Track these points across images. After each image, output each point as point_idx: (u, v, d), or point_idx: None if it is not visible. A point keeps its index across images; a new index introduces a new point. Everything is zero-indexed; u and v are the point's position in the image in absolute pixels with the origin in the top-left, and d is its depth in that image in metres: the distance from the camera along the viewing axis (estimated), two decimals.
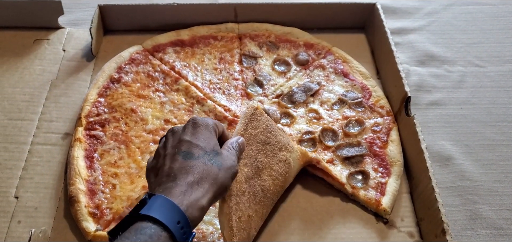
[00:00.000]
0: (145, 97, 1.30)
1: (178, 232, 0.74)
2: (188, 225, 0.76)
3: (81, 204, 1.06)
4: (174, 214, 0.75)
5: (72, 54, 1.44)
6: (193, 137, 0.88)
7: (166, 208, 0.75)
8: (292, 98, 1.31)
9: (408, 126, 1.20)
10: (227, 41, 1.46)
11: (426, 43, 1.53)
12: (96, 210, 1.07)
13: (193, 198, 0.80)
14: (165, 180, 0.83)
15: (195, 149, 0.86)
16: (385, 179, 1.14)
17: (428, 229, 1.06)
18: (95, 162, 1.15)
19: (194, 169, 0.83)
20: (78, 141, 1.17)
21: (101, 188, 1.11)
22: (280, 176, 1.04)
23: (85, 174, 1.12)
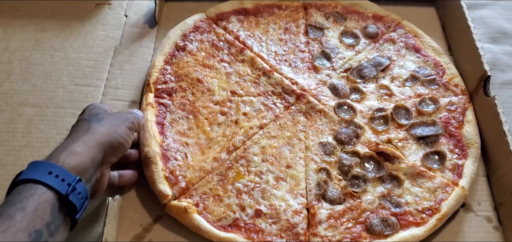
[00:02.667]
0: (210, 67, 1.28)
1: (53, 180, 0.81)
2: (65, 173, 0.83)
3: (158, 167, 1.06)
4: (44, 168, 0.82)
5: (134, 20, 1.42)
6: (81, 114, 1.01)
7: (36, 168, 0.83)
8: (362, 72, 1.27)
9: (486, 107, 1.15)
10: (292, 11, 1.42)
11: (499, 19, 1.46)
12: (171, 175, 1.06)
13: (66, 150, 0.87)
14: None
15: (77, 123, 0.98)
16: (462, 161, 1.10)
17: (509, 214, 1.02)
18: (165, 129, 1.14)
19: (71, 131, 0.96)
20: (150, 106, 1.17)
21: (174, 155, 1.10)
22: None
23: (159, 138, 1.11)
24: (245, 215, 1.02)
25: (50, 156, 0.87)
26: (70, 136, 0.93)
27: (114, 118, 0.99)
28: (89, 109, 1.01)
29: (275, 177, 1.08)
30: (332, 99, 1.22)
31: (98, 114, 0.98)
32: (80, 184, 0.84)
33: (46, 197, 0.79)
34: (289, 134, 1.16)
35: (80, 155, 0.87)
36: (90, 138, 0.91)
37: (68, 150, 0.87)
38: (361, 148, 1.13)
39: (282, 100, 1.22)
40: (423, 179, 1.07)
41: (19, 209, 0.76)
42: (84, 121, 0.96)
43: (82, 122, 0.96)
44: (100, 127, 0.94)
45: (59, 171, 0.82)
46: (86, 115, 0.99)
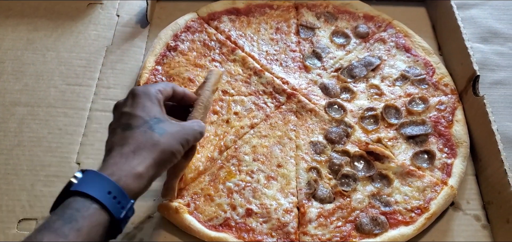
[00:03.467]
0: (202, 66, 1.28)
1: (110, 202, 0.74)
2: (123, 195, 0.76)
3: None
4: (104, 186, 0.74)
5: (126, 19, 1.42)
6: (132, 108, 0.87)
7: (95, 181, 0.75)
8: (352, 72, 1.28)
9: (475, 106, 1.16)
10: (283, 11, 1.42)
11: (489, 19, 1.46)
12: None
13: (127, 167, 0.78)
14: (105, 155, 0.82)
15: (133, 120, 0.84)
16: (451, 160, 1.11)
17: (497, 213, 1.03)
18: None
19: (131, 139, 0.82)
20: None
21: None
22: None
23: None
24: (236, 214, 1.03)
25: (108, 166, 0.78)
26: (129, 143, 0.81)
27: (175, 130, 0.87)
28: (143, 100, 0.87)
29: (266, 176, 1.09)
30: (322, 99, 1.23)
31: (159, 119, 0.87)
32: (132, 209, 0.79)
33: (101, 219, 0.73)
34: (280, 134, 1.17)
35: (142, 179, 0.79)
36: (151, 155, 0.82)
37: (129, 168, 0.78)
38: (351, 147, 1.13)
39: (273, 99, 1.23)
40: (412, 178, 1.08)
41: (74, 229, 0.69)
42: (146, 125, 0.84)
43: (143, 126, 0.84)
44: (163, 142, 0.84)
45: (118, 192, 0.75)
46: (145, 113, 0.86)
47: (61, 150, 1.13)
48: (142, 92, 0.89)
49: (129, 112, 0.86)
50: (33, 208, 1.04)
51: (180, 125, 0.89)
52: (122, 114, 0.87)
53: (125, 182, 0.77)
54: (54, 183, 1.07)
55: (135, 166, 0.79)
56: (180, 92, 0.97)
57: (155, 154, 0.83)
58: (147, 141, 0.83)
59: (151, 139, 0.83)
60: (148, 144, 0.82)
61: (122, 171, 0.78)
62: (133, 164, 0.79)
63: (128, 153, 0.80)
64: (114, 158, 0.80)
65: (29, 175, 1.09)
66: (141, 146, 0.82)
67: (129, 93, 0.90)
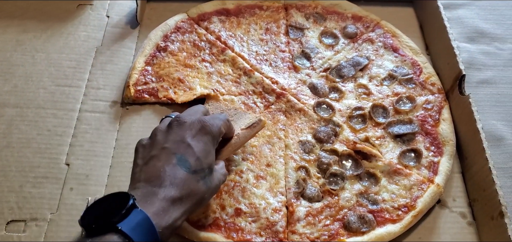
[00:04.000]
0: (192, 66, 1.29)
1: None
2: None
3: None
4: (150, 236, 0.74)
5: (116, 20, 1.42)
6: (196, 143, 0.85)
7: (144, 229, 0.73)
8: (341, 72, 1.29)
9: (461, 105, 1.17)
10: (273, 11, 1.43)
11: (475, 18, 1.48)
12: None
13: (172, 218, 0.78)
14: (152, 181, 0.80)
15: (192, 159, 0.83)
16: (438, 158, 1.12)
17: (483, 211, 1.05)
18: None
19: (183, 183, 0.81)
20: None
21: None
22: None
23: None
24: (225, 214, 1.03)
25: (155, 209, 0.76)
26: (180, 187, 0.80)
27: (215, 185, 0.89)
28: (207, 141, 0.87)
29: (255, 175, 1.10)
30: (311, 98, 1.24)
31: (211, 169, 0.87)
32: None
33: None
34: (269, 133, 1.17)
35: (174, 231, 0.80)
36: (192, 206, 0.83)
37: (171, 220, 0.78)
38: (339, 146, 1.15)
39: (263, 99, 1.24)
40: (399, 176, 1.09)
41: None
42: (200, 174, 0.84)
43: (199, 173, 0.84)
44: (206, 197, 0.86)
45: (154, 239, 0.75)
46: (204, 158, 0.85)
47: (50, 151, 1.13)
48: (210, 132, 0.87)
49: (191, 147, 0.84)
50: (22, 209, 1.04)
51: (217, 178, 0.90)
52: (183, 142, 0.85)
53: (164, 234, 0.77)
54: (43, 184, 1.07)
55: (177, 220, 0.79)
56: (231, 131, 0.98)
57: (195, 207, 0.84)
58: (195, 193, 0.83)
59: (199, 192, 0.84)
60: (195, 197, 0.83)
61: (166, 222, 0.77)
62: (176, 215, 0.79)
63: (175, 200, 0.79)
64: (162, 201, 0.78)
65: (18, 176, 1.08)
66: (189, 196, 0.82)
67: (199, 122, 0.87)
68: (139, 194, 0.78)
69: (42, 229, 1.01)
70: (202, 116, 0.91)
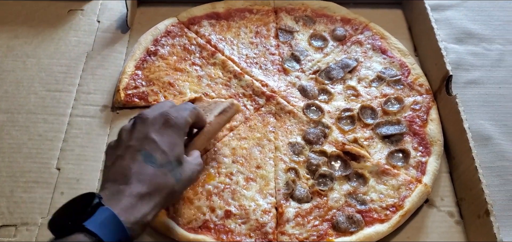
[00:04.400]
0: (182, 70, 1.29)
1: None
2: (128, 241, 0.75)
3: None
4: (118, 233, 0.73)
5: (106, 25, 1.43)
6: (160, 137, 0.85)
7: (111, 226, 0.73)
8: (330, 74, 1.30)
9: (448, 105, 1.18)
10: (262, 15, 1.44)
11: (463, 20, 1.49)
12: None
13: (141, 213, 0.78)
14: (119, 179, 0.80)
15: (158, 153, 0.83)
16: (426, 158, 1.13)
17: (470, 209, 1.06)
18: None
19: (150, 178, 0.81)
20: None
21: None
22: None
23: None
24: (215, 216, 1.04)
25: (123, 206, 0.76)
26: (148, 182, 0.80)
27: (188, 177, 0.89)
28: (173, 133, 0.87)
29: (245, 177, 1.10)
30: (301, 100, 1.25)
31: (180, 161, 0.87)
32: None
33: None
34: (259, 135, 1.18)
35: (145, 227, 0.80)
36: (162, 200, 0.82)
37: (140, 216, 0.78)
38: (328, 148, 1.15)
39: (253, 102, 1.24)
40: (387, 176, 1.10)
41: None
42: (168, 166, 0.84)
43: (166, 166, 0.83)
44: (177, 189, 0.85)
45: (125, 240, 0.75)
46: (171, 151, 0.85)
47: (41, 156, 1.14)
48: (175, 123, 0.87)
49: (156, 142, 0.84)
50: (13, 214, 1.04)
51: (190, 168, 0.89)
52: (147, 138, 0.85)
53: (134, 230, 0.76)
54: (34, 189, 1.08)
55: (146, 214, 0.79)
56: (202, 120, 0.98)
57: (167, 200, 0.84)
58: (165, 186, 0.82)
59: (168, 185, 0.83)
60: (165, 190, 0.82)
61: (135, 218, 0.77)
62: (146, 210, 0.79)
63: (143, 196, 0.79)
64: (131, 198, 0.78)
65: (9, 181, 1.09)
66: (158, 190, 0.81)
67: (162, 117, 0.87)
68: (106, 193, 0.78)
69: (33, 233, 1.02)
70: (166, 109, 0.89)
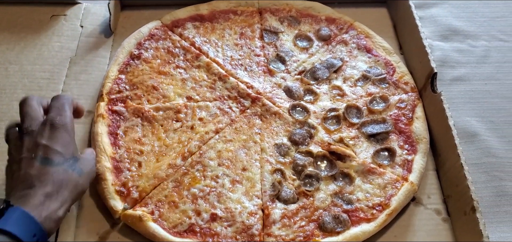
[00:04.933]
0: (166, 73, 1.28)
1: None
2: (44, 237, 0.78)
3: (107, 182, 1.06)
4: (31, 228, 0.76)
5: (90, 30, 1.42)
6: (51, 141, 0.87)
7: (23, 222, 0.76)
8: (315, 74, 1.29)
9: (433, 103, 1.18)
10: (247, 16, 1.43)
11: (449, 17, 1.49)
12: (122, 188, 1.07)
13: (51, 209, 0.81)
14: (21, 186, 0.82)
15: (54, 155, 0.86)
16: (412, 156, 1.13)
17: (456, 206, 1.06)
18: (119, 139, 1.14)
19: (52, 177, 0.84)
20: (101, 116, 1.16)
21: (127, 166, 1.10)
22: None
23: (110, 151, 1.11)
24: (200, 220, 1.03)
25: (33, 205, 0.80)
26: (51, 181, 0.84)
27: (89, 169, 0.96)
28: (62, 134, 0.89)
29: (231, 180, 1.10)
30: (286, 101, 1.24)
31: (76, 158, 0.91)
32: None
33: None
34: (245, 137, 1.18)
35: (59, 222, 0.84)
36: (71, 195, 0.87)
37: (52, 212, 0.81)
38: (314, 148, 1.15)
39: (238, 104, 1.24)
40: (373, 175, 1.10)
41: None
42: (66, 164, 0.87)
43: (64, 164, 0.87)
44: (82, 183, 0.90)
45: (41, 235, 0.78)
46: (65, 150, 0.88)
47: None
48: (61, 125, 0.90)
49: (47, 145, 0.86)
50: None
51: (89, 162, 0.96)
52: (38, 144, 0.86)
53: (48, 225, 0.80)
54: None
55: (57, 210, 0.82)
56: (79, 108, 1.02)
57: (74, 194, 0.87)
58: (68, 182, 0.86)
59: (72, 179, 0.87)
60: (70, 185, 0.86)
61: (46, 213, 0.80)
62: (55, 206, 0.82)
63: (52, 194, 0.82)
64: (38, 197, 0.81)
65: None
66: (63, 186, 0.85)
67: (47, 123, 0.89)
68: (13, 199, 0.81)
69: None
70: (48, 116, 0.90)
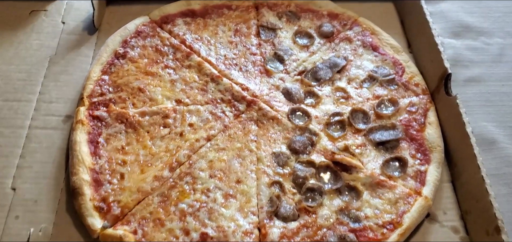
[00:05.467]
0: (153, 74, 1.18)
1: None
2: None
3: (85, 197, 0.95)
4: None
5: (72, 27, 1.31)
6: None
7: None
8: (317, 75, 1.19)
9: (448, 107, 1.08)
10: (242, 11, 1.33)
11: (460, 12, 1.40)
12: (102, 203, 0.96)
13: None
14: None
15: None
16: (425, 167, 1.03)
17: (476, 224, 0.95)
18: (100, 148, 1.04)
19: None
20: (80, 123, 1.06)
21: (108, 178, 1.00)
22: None
23: (90, 161, 1.00)
24: (189, 240, 0.92)
25: None
26: None
27: None
28: None
29: (224, 194, 0.99)
30: (285, 105, 1.14)
31: None
32: None
33: None
34: (239, 145, 1.07)
35: None
36: None
37: None
38: (316, 157, 1.05)
39: (232, 108, 1.14)
40: (383, 189, 0.99)
41: None
42: None
43: None
44: None
45: None
46: None
47: None
48: None
49: None
50: None
51: None
52: None
53: None
54: None
55: None
56: None
57: None
58: None
59: None
60: None
61: None
62: None
63: None
64: None
65: None
66: None
67: None
68: None
69: None
70: None
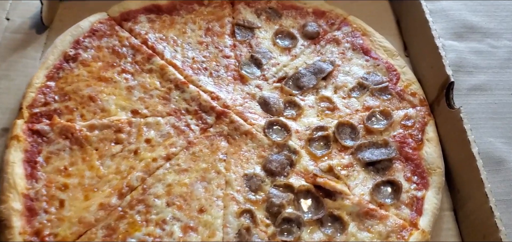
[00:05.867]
0: (107, 80, 1.07)
1: None
2: None
3: (14, 230, 0.84)
4: None
5: (17, 24, 1.21)
6: None
7: None
8: (299, 82, 1.11)
9: (449, 121, 0.99)
10: (216, 7, 1.23)
11: (463, 11, 1.32)
12: (35, 238, 0.85)
13: None
14: None
15: None
16: (422, 192, 0.94)
17: None
18: (38, 168, 0.92)
19: None
20: (16, 139, 0.93)
21: (44, 207, 0.89)
22: None
23: (23, 186, 0.89)
24: None
25: None
26: None
27: None
28: None
29: (183, 226, 0.87)
30: (261, 117, 1.04)
31: None
32: None
33: None
34: (205, 166, 0.96)
35: None
36: None
37: None
38: (295, 180, 0.94)
39: (198, 120, 1.03)
40: (372, 220, 0.89)
41: None
42: None
43: None
44: None
45: None
46: None
47: None
48: None
49: None
50: None
51: None
52: None
53: None
54: None
55: None
56: None
57: None
58: None
59: None
60: None
61: None
62: None
63: None
64: None
65: None
66: None
67: None
68: None
69: None
70: None
